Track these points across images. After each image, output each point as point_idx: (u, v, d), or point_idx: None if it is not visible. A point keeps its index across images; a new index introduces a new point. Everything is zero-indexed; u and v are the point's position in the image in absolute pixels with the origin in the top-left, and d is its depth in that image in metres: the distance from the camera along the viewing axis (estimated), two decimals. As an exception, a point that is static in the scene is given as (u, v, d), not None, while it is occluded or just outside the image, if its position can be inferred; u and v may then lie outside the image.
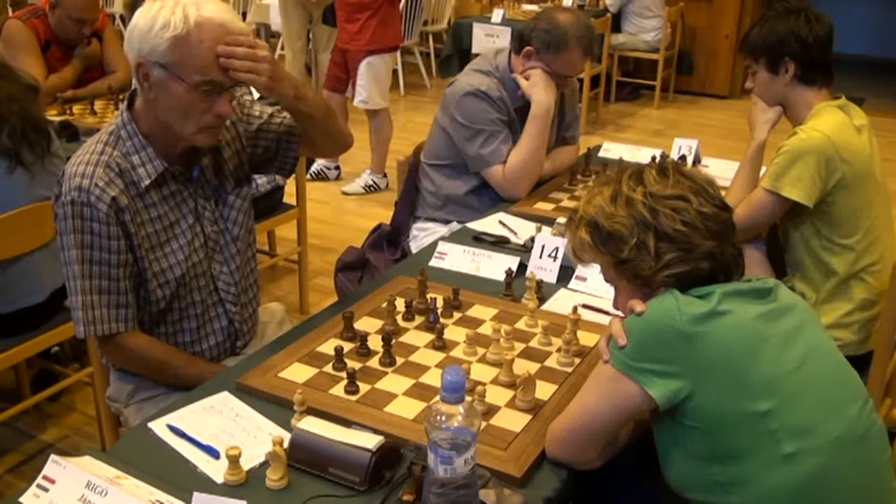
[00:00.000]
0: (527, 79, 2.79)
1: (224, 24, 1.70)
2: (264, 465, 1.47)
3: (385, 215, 3.29)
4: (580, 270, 2.17)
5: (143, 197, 1.80)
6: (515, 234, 2.53)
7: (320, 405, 1.63)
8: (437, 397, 1.26)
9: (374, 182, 5.43)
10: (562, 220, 1.72)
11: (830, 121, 2.32)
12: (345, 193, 5.41)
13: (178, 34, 1.66)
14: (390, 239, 2.96)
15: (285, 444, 1.46)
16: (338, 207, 5.21)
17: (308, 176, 5.41)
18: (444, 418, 1.23)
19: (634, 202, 1.41)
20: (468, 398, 1.53)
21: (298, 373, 1.75)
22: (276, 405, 1.65)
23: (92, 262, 1.76)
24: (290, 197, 3.78)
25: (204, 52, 1.68)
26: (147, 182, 1.79)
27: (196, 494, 1.28)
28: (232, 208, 1.96)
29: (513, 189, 2.80)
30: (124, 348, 1.85)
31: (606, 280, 1.53)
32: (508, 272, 2.15)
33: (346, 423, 1.57)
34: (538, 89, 2.77)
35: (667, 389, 1.34)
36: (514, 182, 2.80)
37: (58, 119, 3.35)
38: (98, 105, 3.64)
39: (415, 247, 2.90)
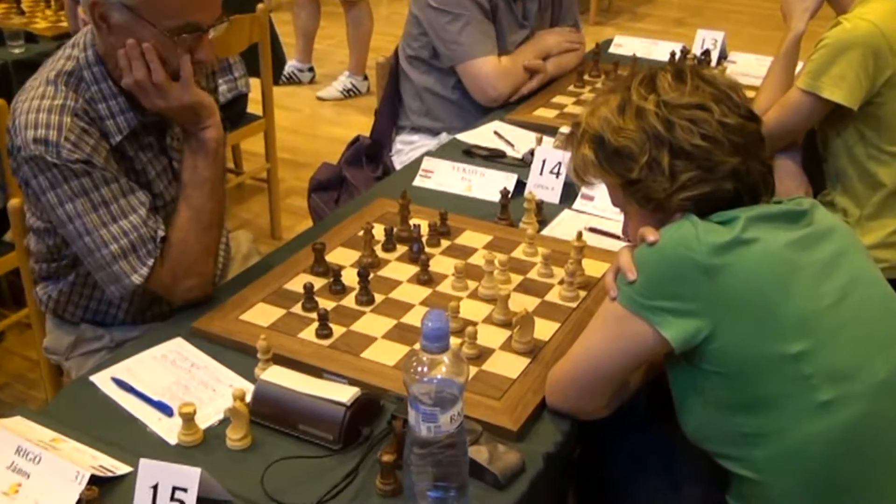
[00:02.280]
0: None
1: None
2: (224, 422, 1.47)
3: (366, 125, 3.26)
4: (586, 188, 2.12)
5: (119, 150, 1.77)
6: (512, 146, 2.52)
7: (288, 352, 1.63)
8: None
9: (354, 85, 5.38)
10: (566, 129, 1.72)
11: (881, 8, 2.27)
12: (320, 99, 5.37)
13: None
14: (370, 153, 2.97)
15: (248, 398, 1.46)
16: (312, 116, 5.17)
17: (277, 80, 5.34)
18: (425, 369, 1.21)
19: (646, 113, 1.39)
20: (456, 342, 1.57)
21: (262, 315, 1.75)
22: (237, 353, 1.65)
23: (106, 203, 1.70)
24: (255, 105, 3.74)
25: None
26: (119, 138, 1.75)
27: (143, 462, 1.27)
28: None
29: (501, 83, 2.79)
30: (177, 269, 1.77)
31: (614, 204, 1.52)
32: (504, 192, 2.13)
33: (318, 372, 1.58)
34: None
35: (683, 330, 1.34)
36: (506, 75, 2.78)
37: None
38: (26, 2, 3.54)
39: (398, 162, 2.91)
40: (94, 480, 1.31)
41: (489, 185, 2.26)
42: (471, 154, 2.48)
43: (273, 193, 3.90)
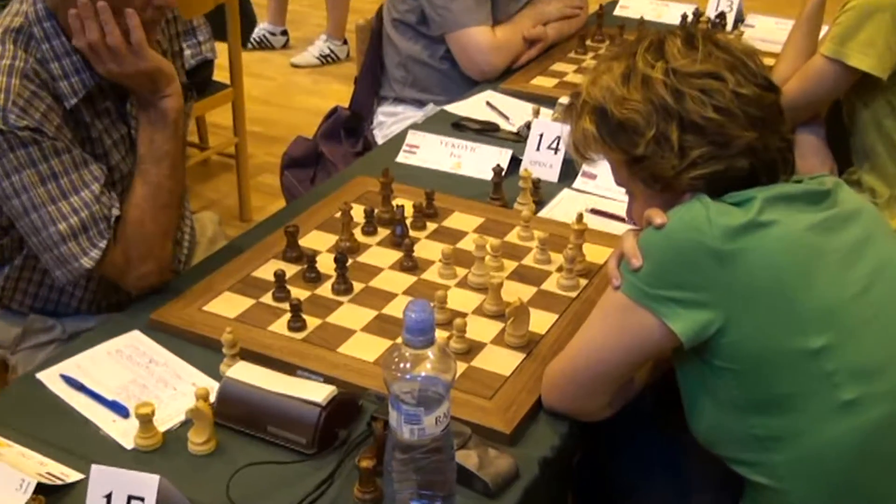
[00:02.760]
0: None
1: None
2: (185, 424, 1.47)
3: (345, 94, 3.26)
4: (587, 166, 2.11)
5: (74, 115, 1.76)
6: (507, 118, 2.51)
7: (257, 346, 1.63)
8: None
9: (332, 51, 5.36)
10: (565, 100, 1.73)
11: (911, -33, 2.27)
12: (294, 66, 5.35)
13: None
14: (349, 126, 2.95)
15: (212, 398, 1.46)
16: (285, 85, 5.15)
17: (246, 45, 5.32)
18: (408, 366, 1.22)
19: (653, 82, 1.39)
20: (442, 335, 1.57)
21: (229, 305, 1.75)
22: (200, 347, 1.65)
23: (56, 176, 1.69)
24: (222, 73, 3.71)
25: None
26: (74, 101, 1.74)
27: (95, 468, 1.26)
28: None
29: (495, 57, 2.79)
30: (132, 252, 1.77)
31: (618, 183, 1.51)
32: (497, 169, 2.13)
33: (290, 368, 1.58)
34: None
35: (693, 322, 1.34)
36: (501, 48, 2.78)
37: None
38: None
39: (380, 136, 2.90)
40: (40, 489, 1.30)
41: (481, 161, 2.25)
42: (460, 127, 2.46)
43: (242, 170, 3.88)
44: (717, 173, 1.38)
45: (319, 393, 1.44)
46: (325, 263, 1.83)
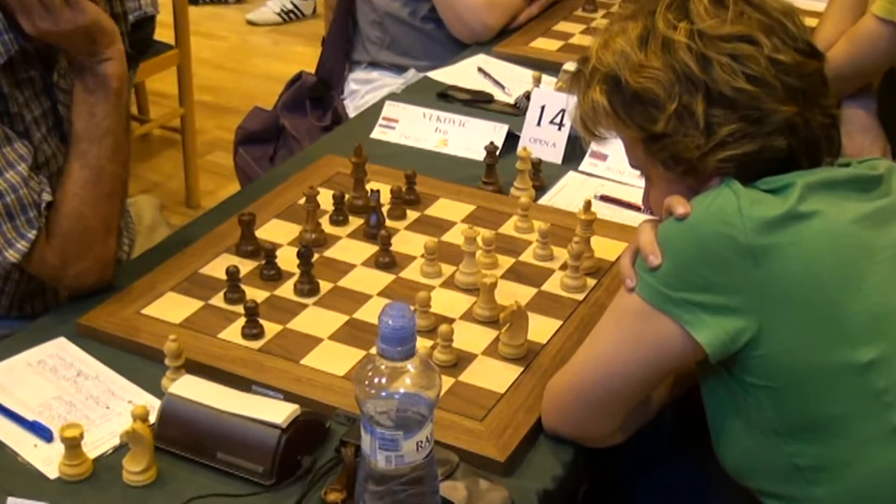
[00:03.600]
0: None
1: None
2: (120, 450, 1.46)
3: (311, 58, 3.27)
4: (597, 145, 2.08)
5: None
6: (502, 88, 2.51)
7: (205, 357, 1.63)
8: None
9: (295, 6, 5.35)
10: (572, 66, 1.73)
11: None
12: (251, 24, 5.35)
13: None
14: (316, 96, 2.96)
15: (152, 418, 1.45)
16: (240, 46, 5.16)
17: (195, -3, 5.32)
18: (384, 381, 1.21)
19: (675, 46, 1.38)
20: (425, 345, 1.61)
21: (172, 308, 1.74)
22: (137, 358, 1.65)
23: None
24: (165, 31, 3.65)
25: None
26: None
27: (12, 501, 1.26)
28: None
29: (490, 16, 2.79)
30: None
31: (633, 165, 1.51)
32: (490, 148, 2.12)
33: (245, 383, 1.57)
34: None
35: (721, 331, 1.33)
36: (497, 5, 2.79)
37: None
38: None
39: (352, 108, 2.91)
40: (-53, 527, 1.30)
41: (471, 138, 2.25)
42: (447, 98, 2.47)
43: (188, 147, 3.88)
44: (749, 154, 1.38)
45: (279, 413, 1.44)
46: (287, 259, 1.82)
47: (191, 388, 1.49)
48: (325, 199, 1.97)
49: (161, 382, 1.58)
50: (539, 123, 2.25)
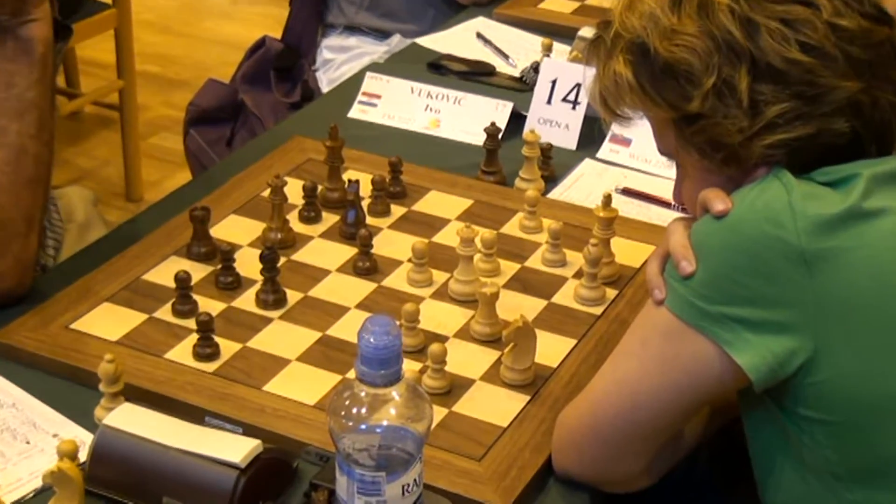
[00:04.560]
0: None
1: None
2: (43, 493, 1.42)
3: (277, 21, 3.24)
4: (618, 127, 1.95)
5: None
6: (506, 57, 2.52)
7: (149, 382, 1.60)
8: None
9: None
10: (589, 31, 1.78)
11: None
12: (204, -22, 5.53)
13: None
14: (282, 66, 2.96)
15: (83, 456, 1.41)
16: (191, 5, 5.21)
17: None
18: (363, 411, 1.21)
19: (715, 8, 1.32)
20: (413, 368, 1.59)
21: (109, 321, 1.71)
22: (65, 382, 1.62)
23: None
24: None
25: None
26: None
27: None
28: None
29: None
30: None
31: (662, 152, 1.47)
32: (492, 130, 2.07)
33: (197, 413, 1.54)
34: None
35: (768, 353, 1.28)
36: None
37: None
38: None
39: (326, 81, 2.92)
40: None
41: (468, 118, 2.24)
42: (440, 69, 2.45)
43: (128, 128, 3.84)
44: (803, 139, 1.32)
45: (237, 450, 1.40)
46: (248, 263, 1.79)
47: (130, 420, 1.45)
48: (294, 190, 1.92)
49: (94, 412, 1.53)
50: (549, 101, 2.24)
